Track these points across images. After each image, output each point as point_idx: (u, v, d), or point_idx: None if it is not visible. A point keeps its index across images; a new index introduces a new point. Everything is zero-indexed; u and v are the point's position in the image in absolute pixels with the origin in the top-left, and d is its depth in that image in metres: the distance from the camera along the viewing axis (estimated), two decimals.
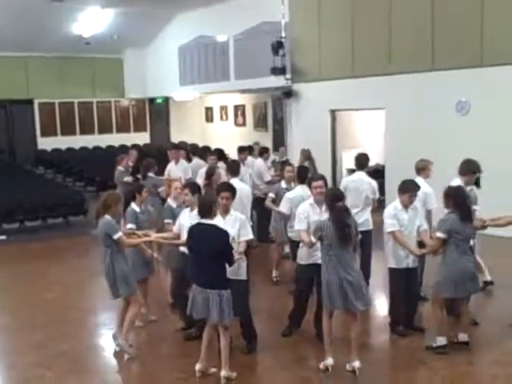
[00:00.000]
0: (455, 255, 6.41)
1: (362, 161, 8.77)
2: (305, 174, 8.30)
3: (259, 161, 12.26)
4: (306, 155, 12.33)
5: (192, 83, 20.64)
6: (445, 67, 12.37)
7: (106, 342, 7.29)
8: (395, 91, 13.49)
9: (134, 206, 7.46)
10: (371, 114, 15.77)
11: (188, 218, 6.75)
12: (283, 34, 15.51)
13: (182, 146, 14.30)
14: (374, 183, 8.64)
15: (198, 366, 6.07)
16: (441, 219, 6.62)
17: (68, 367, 6.55)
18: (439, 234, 6.49)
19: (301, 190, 8.00)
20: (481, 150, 11.52)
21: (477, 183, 7.83)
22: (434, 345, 6.55)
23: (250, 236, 6.55)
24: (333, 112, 15.51)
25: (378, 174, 12.86)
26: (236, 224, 6.40)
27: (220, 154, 11.98)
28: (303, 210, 6.82)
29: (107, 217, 6.62)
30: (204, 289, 5.85)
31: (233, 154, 13.29)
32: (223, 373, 5.94)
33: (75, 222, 14.22)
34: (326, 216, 6.27)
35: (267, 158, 12.86)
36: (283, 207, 8.17)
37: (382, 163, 14.62)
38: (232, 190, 6.53)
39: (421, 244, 7.05)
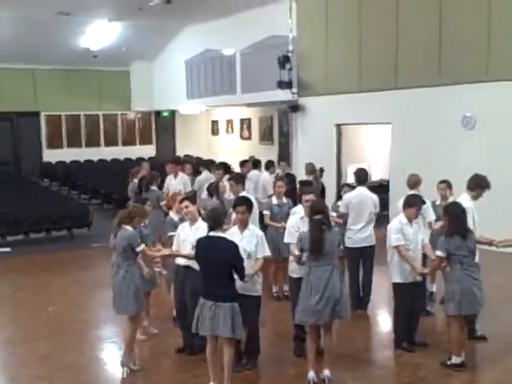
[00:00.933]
0: (459, 273, 6.34)
1: (361, 176, 8.79)
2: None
3: (265, 174, 12.24)
4: (310, 169, 12.30)
5: (198, 96, 20.70)
6: (451, 82, 12.36)
7: (109, 355, 7.25)
8: (401, 106, 13.48)
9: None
10: (377, 129, 15.75)
11: (189, 233, 6.69)
12: (290, 48, 15.54)
13: (186, 159, 14.32)
14: (375, 197, 8.64)
15: None
16: (440, 237, 6.58)
17: (71, 380, 6.51)
18: (438, 253, 6.48)
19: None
20: (486, 165, 11.49)
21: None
22: (449, 363, 6.49)
23: (267, 253, 6.45)
24: (338, 126, 15.49)
25: (382, 188, 12.82)
26: (253, 239, 6.33)
27: (225, 168, 11.98)
28: (293, 223, 6.77)
29: (130, 228, 6.56)
30: (215, 302, 5.76)
31: (238, 168, 13.26)
32: None
33: (79, 235, 14.20)
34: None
35: (273, 171, 12.82)
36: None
37: (386, 178, 14.57)
38: (248, 204, 6.46)
39: (425, 257, 7.07)
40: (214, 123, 23.45)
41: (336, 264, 6.23)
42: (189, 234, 6.64)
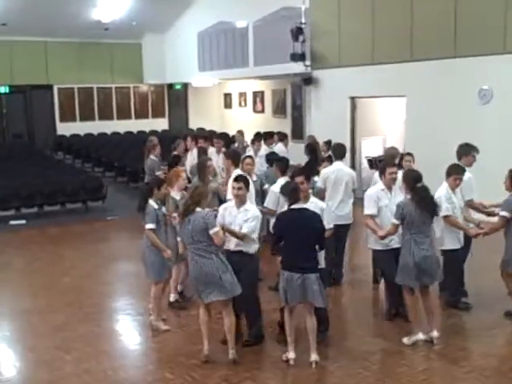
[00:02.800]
0: None
1: (339, 151, 8.70)
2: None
3: (279, 145, 12.27)
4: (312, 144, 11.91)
5: (211, 69, 20.59)
6: (467, 54, 12.18)
7: (125, 327, 7.34)
8: (416, 78, 13.32)
9: (151, 202, 6.94)
10: (392, 102, 15.61)
11: (236, 215, 6.39)
12: (303, 20, 15.36)
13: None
14: (353, 173, 8.77)
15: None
16: (506, 199, 6.97)
17: (86, 351, 6.59)
18: (503, 213, 6.90)
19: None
20: (503, 139, 11.39)
21: None
22: None
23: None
24: (353, 99, 15.37)
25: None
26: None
27: (227, 140, 11.94)
28: (373, 195, 7.03)
29: (203, 210, 6.15)
30: (302, 274, 5.88)
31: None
32: (314, 356, 6.08)
33: (93, 207, 14.28)
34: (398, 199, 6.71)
35: (287, 144, 12.86)
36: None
37: (400, 151, 14.47)
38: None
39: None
40: (227, 96, 23.33)
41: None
42: (237, 217, 6.38)
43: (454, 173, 7.15)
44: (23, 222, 13.08)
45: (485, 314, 7.40)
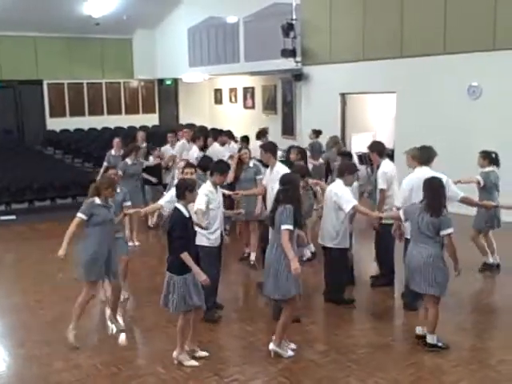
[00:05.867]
0: None
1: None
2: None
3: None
4: (334, 141, 11.93)
5: (201, 65, 20.58)
6: (456, 51, 12.25)
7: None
8: (406, 75, 13.39)
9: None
10: (382, 98, 15.67)
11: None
12: (294, 16, 15.39)
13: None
14: None
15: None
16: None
17: (77, 346, 6.59)
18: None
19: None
20: (492, 135, 11.47)
21: None
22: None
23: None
24: (343, 95, 15.42)
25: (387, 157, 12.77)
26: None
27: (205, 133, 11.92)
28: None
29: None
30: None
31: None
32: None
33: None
34: None
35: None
36: None
37: (391, 147, 14.54)
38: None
39: None
40: (217, 92, 23.33)
41: None
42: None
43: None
44: (13, 217, 13.05)
45: (470, 308, 7.53)
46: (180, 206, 6.04)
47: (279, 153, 9.67)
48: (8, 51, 20.71)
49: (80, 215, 6.85)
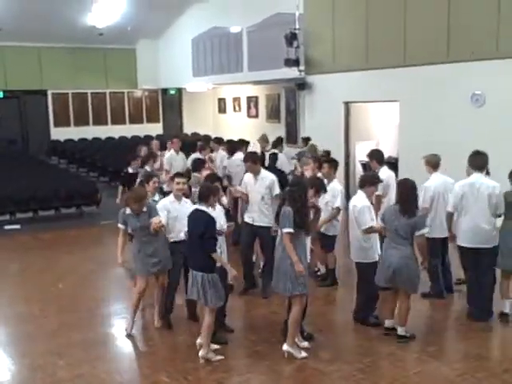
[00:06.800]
0: None
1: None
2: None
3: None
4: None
5: (205, 74, 20.63)
6: (460, 59, 12.25)
7: (118, 331, 7.33)
8: (409, 83, 13.38)
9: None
10: (385, 107, 15.67)
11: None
12: (297, 26, 15.41)
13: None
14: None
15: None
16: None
17: (80, 356, 6.59)
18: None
19: None
20: (496, 143, 11.44)
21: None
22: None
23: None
24: (346, 104, 15.42)
25: (390, 165, 12.76)
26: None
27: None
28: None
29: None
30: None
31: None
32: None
33: (88, 213, 14.27)
34: None
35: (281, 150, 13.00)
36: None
37: (395, 156, 14.54)
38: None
39: None
40: (221, 101, 23.38)
41: None
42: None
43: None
44: (18, 226, 13.07)
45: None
46: (205, 208, 6.26)
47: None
48: (13, 61, 20.85)
49: (118, 225, 7.13)
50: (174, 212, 7.09)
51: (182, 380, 5.96)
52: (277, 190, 8.06)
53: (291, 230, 6.03)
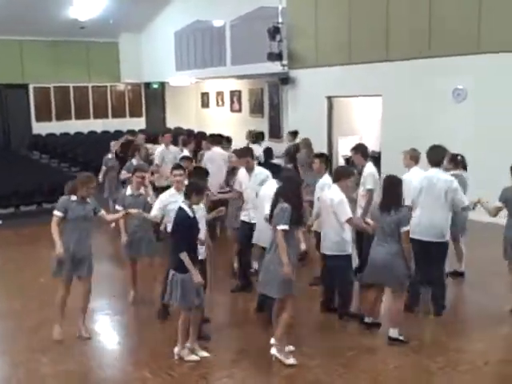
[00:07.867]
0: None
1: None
2: None
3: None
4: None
5: (188, 68, 20.56)
6: (442, 54, 12.32)
7: (101, 327, 7.31)
8: (392, 78, 13.45)
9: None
10: (368, 101, 15.73)
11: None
12: (280, 20, 15.41)
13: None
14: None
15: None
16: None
17: (62, 352, 6.56)
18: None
19: None
20: (477, 138, 11.55)
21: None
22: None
23: None
24: (329, 98, 15.46)
25: (373, 160, 12.82)
26: None
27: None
28: None
29: None
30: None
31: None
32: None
33: None
34: None
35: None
36: None
37: (377, 150, 14.60)
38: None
39: None
40: (204, 95, 23.32)
41: None
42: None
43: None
44: None
45: (461, 309, 7.55)
46: (185, 206, 6.12)
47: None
48: None
49: (56, 212, 7.10)
50: (173, 204, 6.74)
51: (165, 376, 5.95)
52: None
53: (286, 227, 5.92)
